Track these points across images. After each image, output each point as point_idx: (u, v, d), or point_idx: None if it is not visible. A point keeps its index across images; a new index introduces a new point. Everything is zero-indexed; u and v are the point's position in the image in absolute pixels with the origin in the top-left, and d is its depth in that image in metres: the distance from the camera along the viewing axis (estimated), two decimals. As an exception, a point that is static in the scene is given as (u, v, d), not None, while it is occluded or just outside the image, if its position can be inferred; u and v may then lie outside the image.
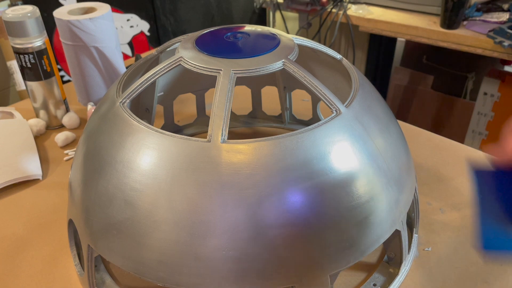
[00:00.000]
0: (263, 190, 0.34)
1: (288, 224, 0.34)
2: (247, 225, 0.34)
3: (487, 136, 1.61)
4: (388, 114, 0.44)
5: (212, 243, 0.34)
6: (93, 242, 0.40)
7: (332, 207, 0.35)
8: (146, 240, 0.36)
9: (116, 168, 0.37)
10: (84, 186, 0.40)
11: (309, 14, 1.73)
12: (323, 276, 0.36)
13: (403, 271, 0.45)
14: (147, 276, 0.36)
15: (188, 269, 0.35)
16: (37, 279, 0.46)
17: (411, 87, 1.82)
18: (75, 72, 0.75)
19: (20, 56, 0.66)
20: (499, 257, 0.32)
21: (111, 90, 0.45)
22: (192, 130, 0.71)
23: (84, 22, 0.69)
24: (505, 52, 1.27)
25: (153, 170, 0.35)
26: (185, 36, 0.47)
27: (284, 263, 0.35)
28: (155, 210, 0.35)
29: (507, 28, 1.23)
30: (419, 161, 0.61)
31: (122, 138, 0.38)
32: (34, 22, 0.64)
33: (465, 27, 1.36)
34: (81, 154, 0.42)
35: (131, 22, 1.68)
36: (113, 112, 0.41)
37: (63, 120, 0.73)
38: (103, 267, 0.47)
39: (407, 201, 0.43)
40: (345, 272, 0.46)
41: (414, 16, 1.49)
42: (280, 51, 0.42)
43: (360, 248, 0.37)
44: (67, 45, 0.72)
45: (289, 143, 0.35)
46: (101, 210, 0.38)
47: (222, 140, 0.35)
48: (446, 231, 0.50)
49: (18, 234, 0.52)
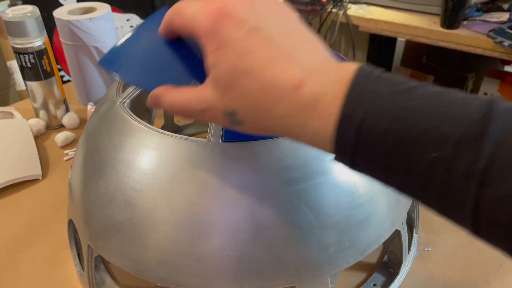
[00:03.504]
0: (263, 190, 0.34)
1: (288, 224, 0.34)
2: (247, 225, 0.34)
3: (487, 136, 1.61)
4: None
5: (212, 243, 0.34)
6: (93, 242, 0.40)
7: (332, 207, 0.35)
8: (146, 240, 0.36)
9: (116, 168, 0.37)
10: (84, 186, 0.40)
11: (309, 14, 1.72)
12: (323, 276, 0.36)
13: (403, 271, 0.45)
14: (147, 276, 0.36)
15: (188, 269, 0.35)
16: (37, 279, 0.46)
17: (411, 87, 1.82)
18: (75, 72, 0.75)
19: (20, 56, 0.66)
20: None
21: (111, 90, 0.45)
22: (192, 130, 0.71)
23: (84, 22, 0.69)
24: (505, 52, 1.27)
25: (153, 170, 0.35)
26: (185, 36, 0.47)
27: (284, 263, 0.35)
28: (155, 210, 0.35)
29: (507, 28, 1.23)
30: (419, 161, 0.61)
31: (122, 138, 0.38)
32: (34, 22, 0.64)
33: (465, 27, 1.36)
34: (81, 154, 0.42)
35: (131, 22, 1.68)
36: (113, 112, 0.41)
37: (63, 120, 0.73)
38: (103, 267, 0.47)
39: (407, 201, 0.43)
40: (345, 272, 0.46)
41: (414, 16, 1.49)
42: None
43: (360, 248, 0.37)
44: (67, 45, 0.72)
45: (289, 143, 0.35)
46: (101, 210, 0.38)
47: (222, 140, 0.35)
48: (446, 231, 0.50)
49: (18, 234, 0.52)
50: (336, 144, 0.24)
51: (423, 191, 0.22)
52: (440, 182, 0.21)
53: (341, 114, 0.23)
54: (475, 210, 0.20)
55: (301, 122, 0.25)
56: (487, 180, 0.20)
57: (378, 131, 0.22)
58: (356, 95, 0.23)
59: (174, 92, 0.30)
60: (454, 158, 0.20)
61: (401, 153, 0.22)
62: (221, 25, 0.26)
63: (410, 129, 0.21)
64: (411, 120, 0.22)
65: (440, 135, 0.21)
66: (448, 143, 0.21)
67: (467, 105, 0.21)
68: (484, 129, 0.20)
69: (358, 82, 0.23)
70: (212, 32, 0.27)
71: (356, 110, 0.23)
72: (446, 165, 0.21)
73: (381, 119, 0.22)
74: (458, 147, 0.20)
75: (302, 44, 0.26)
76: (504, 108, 0.21)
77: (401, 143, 0.22)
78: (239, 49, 0.26)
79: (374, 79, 0.23)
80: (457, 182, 0.21)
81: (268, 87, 0.25)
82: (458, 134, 0.21)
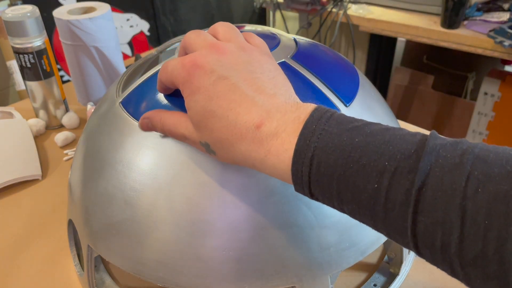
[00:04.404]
0: (263, 190, 0.34)
1: (288, 224, 0.34)
2: (247, 225, 0.34)
3: (488, 136, 1.61)
4: (388, 114, 0.44)
5: (212, 243, 0.34)
6: (92, 242, 0.40)
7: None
8: (146, 240, 0.35)
9: (116, 168, 0.37)
10: (84, 186, 0.40)
11: (309, 14, 1.73)
12: (323, 276, 0.36)
13: (403, 271, 0.45)
14: (147, 276, 0.36)
15: (188, 269, 0.35)
16: (37, 279, 0.46)
17: (411, 87, 1.82)
18: (75, 72, 0.75)
19: (20, 56, 0.66)
20: None
21: (111, 90, 0.45)
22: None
23: (84, 21, 0.69)
24: (505, 51, 1.27)
25: (153, 170, 0.35)
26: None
27: (284, 263, 0.35)
28: (155, 210, 0.35)
29: (507, 28, 1.23)
30: (420, 161, 0.61)
31: (122, 138, 0.38)
32: (33, 22, 0.64)
33: (465, 27, 1.36)
34: (80, 154, 0.42)
35: (131, 21, 1.68)
36: (113, 112, 0.41)
37: (63, 120, 0.73)
38: (103, 267, 0.47)
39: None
40: (345, 272, 0.46)
41: (415, 16, 1.49)
42: (280, 50, 0.42)
43: (360, 248, 0.37)
44: (66, 45, 0.72)
45: (289, 143, 0.35)
46: (100, 210, 0.38)
47: (222, 140, 0.35)
48: (447, 231, 0.50)
49: (18, 234, 0.52)
50: (293, 177, 0.27)
51: (371, 218, 0.25)
52: (383, 210, 0.24)
53: (295, 150, 0.26)
54: (413, 235, 0.23)
55: (262, 157, 0.28)
56: (420, 208, 0.22)
57: (327, 164, 0.25)
58: (309, 133, 0.26)
59: (167, 114, 0.34)
60: (391, 188, 0.23)
61: (348, 184, 0.25)
62: (193, 75, 0.31)
63: (354, 163, 0.25)
64: (354, 155, 0.25)
65: (378, 168, 0.24)
66: (386, 175, 0.23)
67: (404, 141, 0.24)
68: (416, 163, 0.23)
69: (311, 122, 0.27)
70: (187, 80, 0.31)
71: (308, 146, 0.26)
72: (385, 195, 0.24)
73: (329, 154, 0.25)
74: (394, 178, 0.23)
75: (265, 89, 0.30)
76: (435, 144, 0.23)
77: (347, 175, 0.25)
78: (208, 93, 0.30)
79: (326, 119, 0.27)
80: (396, 210, 0.23)
81: (232, 126, 0.29)
82: (393, 167, 0.23)
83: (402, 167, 0.23)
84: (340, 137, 0.25)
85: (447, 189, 0.22)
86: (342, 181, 0.25)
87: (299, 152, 0.26)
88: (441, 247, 0.22)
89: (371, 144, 0.25)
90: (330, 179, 0.25)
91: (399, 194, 0.23)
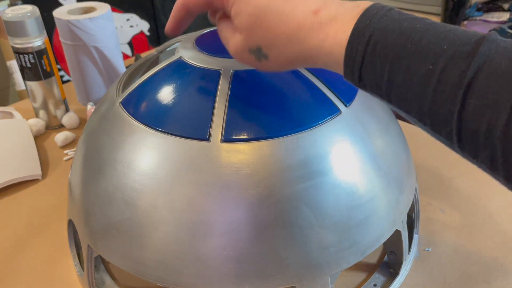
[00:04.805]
0: (263, 190, 0.34)
1: (288, 224, 0.34)
2: (247, 225, 0.34)
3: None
4: (388, 114, 0.44)
5: (212, 243, 0.34)
6: (92, 242, 0.40)
7: (332, 207, 0.35)
8: (146, 240, 0.35)
9: (116, 168, 0.37)
10: (84, 186, 0.40)
11: (309, 14, 1.72)
12: (323, 276, 0.36)
13: (403, 271, 0.45)
14: (147, 276, 0.36)
15: (188, 269, 0.35)
16: (37, 279, 0.46)
17: (411, 87, 1.82)
18: (75, 72, 0.75)
19: (20, 56, 0.66)
20: None
21: (111, 90, 0.45)
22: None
23: (84, 21, 0.69)
24: (505, 52, 1.26)
25: (153, 170, 0.35)
26: (185, 36, 0.47)
27: (284, 263, 0.35)
28: (155, 210, 0.35)
29: (507, 28, 1.23)
30: (419, 161, 0.61)
31: (122, 138, 0.38)
32: (33, 22, 0.64)
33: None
34: (80, 154, 0.42)
35: (131, 21, 1.68)
36: (113, 112, 0.41)
37: (63, 120, 0.73)
38: (103, 267, 0.47)
39: (407, 201, 0.42)
40: (345, 272, 0.46)
41: (414, 16, 1.49)
42: (280, 51, 0.42)
43: (360, 248, 0.37)
44: (66, 45, 0.72)
45: (289, 143, 0.35)
46: (100, 210, 0.38)
47: (222, 140, 0.35)
48: (446, 231, 0.50)
49: (18, 234, 0.52)
50: (346, 58, 0.27)
51: (418, 103, 0.25)
52: (433, 93, 0.24)
53: (353, 29, 0.27)
54: (459, 120, 0.23)
55: (320, 42, 0.28)
56: (472, 90, 0.22)
57: (384, 44, 0.25)
58: (370, 16, 0.26)
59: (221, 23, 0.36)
60: (445, 70, 0.23)
61: (401, 65, 0.25)
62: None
63: (412, 43, 0.25)
64: (414, 37, 0.25)
65: (436, 50, 0.24)
66: (443, 57, 0.24)
67: (465, 33, 0.24)
68: (476, 48, 0.23)
69: (372, 8, 0.27)
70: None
71: (368, 26, 0.26)
72: (438, 76, 0.24)
73: (388, 34, 0.25)
74: (451, 61, 0.23)
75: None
76: (498, 38, 0.23)
77: (402, 56, 0.25)
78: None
79: (387, 9, 0.27)
80: (447, 93, 0.23)
81: (290, 17, 0.29)
82: (452, 51, 0.23)
83: (460, 51, 0.23)
84: (401, 23, 0.26)
85: (503, 73, 0.22)
86: (395, 63, 0.25)
87: (358, 31, 0.26)
88: (486, 130, 0.22)
89: (432, 30, 0.25)
90: (384, 60, 0.25)
91: (453, 76, 0.23)
